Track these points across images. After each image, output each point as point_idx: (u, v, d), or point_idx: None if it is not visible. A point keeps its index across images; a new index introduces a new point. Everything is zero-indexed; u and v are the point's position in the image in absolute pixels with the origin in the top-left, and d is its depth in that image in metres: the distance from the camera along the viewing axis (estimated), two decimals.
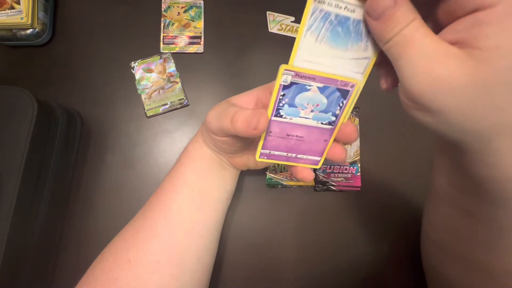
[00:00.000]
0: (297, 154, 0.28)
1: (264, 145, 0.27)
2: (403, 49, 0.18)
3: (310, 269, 0.43)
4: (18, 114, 0.37)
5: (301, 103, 0.25)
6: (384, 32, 0.18)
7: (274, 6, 0.52)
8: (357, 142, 0.46)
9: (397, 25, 0.18)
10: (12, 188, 0.35)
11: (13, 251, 0.35)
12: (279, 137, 0.27)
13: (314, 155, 0.28)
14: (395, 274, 0.44)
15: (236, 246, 0.44)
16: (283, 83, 0.23)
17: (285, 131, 0.26)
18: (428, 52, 0.17)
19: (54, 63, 0.50)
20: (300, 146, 0.27)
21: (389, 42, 0.18)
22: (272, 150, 0.28)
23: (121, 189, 0.46)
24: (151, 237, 0.32)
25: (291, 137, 0.27)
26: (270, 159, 0.29)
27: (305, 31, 0.21)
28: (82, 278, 0.32)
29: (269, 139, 0.27)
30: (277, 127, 0.26)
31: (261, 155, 0.28)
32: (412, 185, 0.46)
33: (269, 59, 0.50)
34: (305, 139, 0.27)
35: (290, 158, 0.29)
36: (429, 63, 0.17)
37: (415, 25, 0.17)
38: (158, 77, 0.49)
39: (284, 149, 0.28)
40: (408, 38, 0.17)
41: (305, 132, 0.26)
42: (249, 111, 0.25)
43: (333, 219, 0.45)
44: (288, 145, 0.27)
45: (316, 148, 0.28)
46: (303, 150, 0.28)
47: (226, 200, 0.37)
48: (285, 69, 0.22)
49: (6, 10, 0.45)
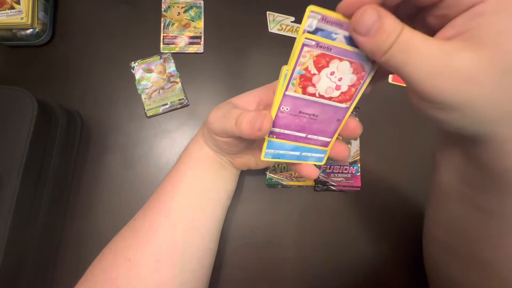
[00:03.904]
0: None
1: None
2: (407, 55, 0.18)
3: (310, 269, 0.43)
4: (18, 114, 0.37)
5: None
6: (377, 45, 0.19)
7: (274, 6, 0.52)
8: (357, 142, 0.46)
9: (390, 35, 0.18)
10: (12, 188, 0.35)
11: (13, 251, 0.35)
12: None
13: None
14: (395, 274, 0.44)
15: (236, 246, 0.44)
16: (307, 28, 0.21)
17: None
18: (436, 51, 0.17)
19: (54, 63, 0.50)
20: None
21: (387, 53, 0.18)
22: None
23: (121, 189, 0.46)
24: (151, 236, 0.32)
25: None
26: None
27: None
28: (82, 277, 0.32)
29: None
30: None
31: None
32: (412, 185, 0.46)
33: (269, 59, 0.50)
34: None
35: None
36: (441, 60, 0.17)
37: (408, 30, 0.18)
38: (158, 77, 0.49)
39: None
40: (408, 43, 0.18)
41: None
42: (253, 113, 0.26)
43: (333, 219, 0.45)
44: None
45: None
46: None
47: (226, 200, 0.37)
48: (312, 10, 0.20)
49: (6, 10, 0.45)
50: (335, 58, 0.22)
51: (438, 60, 0.17)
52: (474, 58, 0.16)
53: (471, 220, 0.26)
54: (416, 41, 0.17)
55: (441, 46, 0.17)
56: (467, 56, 0.16)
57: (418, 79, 0.18)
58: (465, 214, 0.26)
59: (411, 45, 0.17)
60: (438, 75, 0.17)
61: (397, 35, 0.18)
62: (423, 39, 0.18)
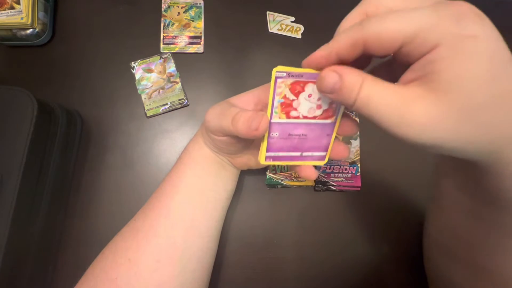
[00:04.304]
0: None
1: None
2: (369, 108, 0.19)
3: (310, 269, 0.43)
4: (18, 114, 0.37)
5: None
6: (344, 100, 0.20)
7: (274, 6, 0.52)
8: (357, 142, 0.46)
9: (351, 92, 0.19)
10: (12, 188, 0.35)
11: (13, 251, 0.35)
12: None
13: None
14: (395, 274, 0.44)
15: (236, 246, 0.44)
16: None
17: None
18: (395, 101, 0.18)
19: (54, 63, 0.50)
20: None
21: (354, 106, 0.20)
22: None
23: (121, 189, 0.46)
24: (151, 236, 0.32)
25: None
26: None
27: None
28: (82, 277, 0.32)
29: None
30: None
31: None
32: (412, 185, 0.46)
33: (269, 59, 0.50)
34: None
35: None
36: (400, 110, 0.18)
37: (367, 85, 0.19)
38: (158, 77, 0.49)
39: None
40: (368, 99, 0.19)
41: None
42: (250, 112, 0.26)
43: (333, 219, 0.45)
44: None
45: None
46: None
47: (226, 200, 0.37)
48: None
49: (6, 10, 0.45)
50: (308, 82, 0.24)
51: (398, 110, 0.18)
52: (429, 105, 0.17)
53: (470, 227, 0.26)
54: (376, 94, 0.19)
55: (400, 95, 0.18)
56: (422, 106, 0.17)
57: (386, 127, 0.19)
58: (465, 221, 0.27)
59: (371, 99, 0.19)
60: (400, 124, 0.18)
61: (357, 90, 0.19)
62: (382, 90, 0.18)
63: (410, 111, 0.17)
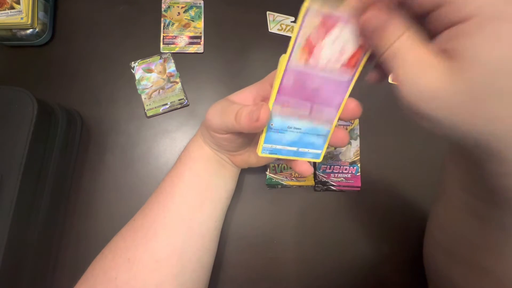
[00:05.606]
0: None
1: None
2: (393, 62, 0.19)
3: (310, 269, 0.43)
4: (18, 114, 0.37)
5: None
6: (378, 46, 0.20)
7: (274, 6, 0.52)
8: (357, 142, 0.46)
9: (389, 39, 0.19)
10: (12, 188, 0.35)
11: (13, 251, 0.35)
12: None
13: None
14: (395, 274, 0.44)
15: (236, 246, 0.44)
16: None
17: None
18: (413, 64, 0.18)
19: (54, 63, 0.50)
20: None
21: (382, 56, 0.20)
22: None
23: (121, 189, 0.46)
24: (151, 236, 0.32)
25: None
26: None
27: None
28: (81, 277, 0.32)
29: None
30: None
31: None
32: (412, 185, 0.46)
33: (269, 59, 0.50)
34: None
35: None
36: (415, 74, 0.18)
37: (404, 38, 0.19)
38: (158, 77, 0.49)
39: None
40: (397, 51, 0.19)
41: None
42: (251, 106, 0.26)
43: (333, 219, 0.45)
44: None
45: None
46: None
47: (226, 199, 0.37)
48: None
49: (6, 10, 0.45)
50: (338, 23, 0.22)
51: (413, 72, 0.18)
52: (439, 78, 0.17)
53: (473, 228, 0.26)
54: (403, 51, 0.19)
55: (420, 59, 0.18)
56: (433, 75, 0.17)
57: (399, 85, 0.19)
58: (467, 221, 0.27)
59: (398, 54, 0.19)
60: (411, 86, 0.18)
61: (395, 39, 0.19)
62: (409, 49, 0.18)
63: (424, 75, 0.18)
